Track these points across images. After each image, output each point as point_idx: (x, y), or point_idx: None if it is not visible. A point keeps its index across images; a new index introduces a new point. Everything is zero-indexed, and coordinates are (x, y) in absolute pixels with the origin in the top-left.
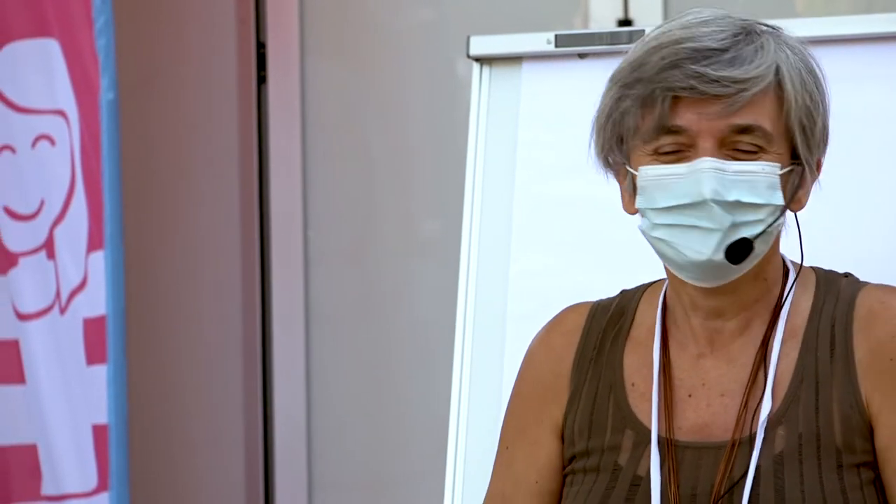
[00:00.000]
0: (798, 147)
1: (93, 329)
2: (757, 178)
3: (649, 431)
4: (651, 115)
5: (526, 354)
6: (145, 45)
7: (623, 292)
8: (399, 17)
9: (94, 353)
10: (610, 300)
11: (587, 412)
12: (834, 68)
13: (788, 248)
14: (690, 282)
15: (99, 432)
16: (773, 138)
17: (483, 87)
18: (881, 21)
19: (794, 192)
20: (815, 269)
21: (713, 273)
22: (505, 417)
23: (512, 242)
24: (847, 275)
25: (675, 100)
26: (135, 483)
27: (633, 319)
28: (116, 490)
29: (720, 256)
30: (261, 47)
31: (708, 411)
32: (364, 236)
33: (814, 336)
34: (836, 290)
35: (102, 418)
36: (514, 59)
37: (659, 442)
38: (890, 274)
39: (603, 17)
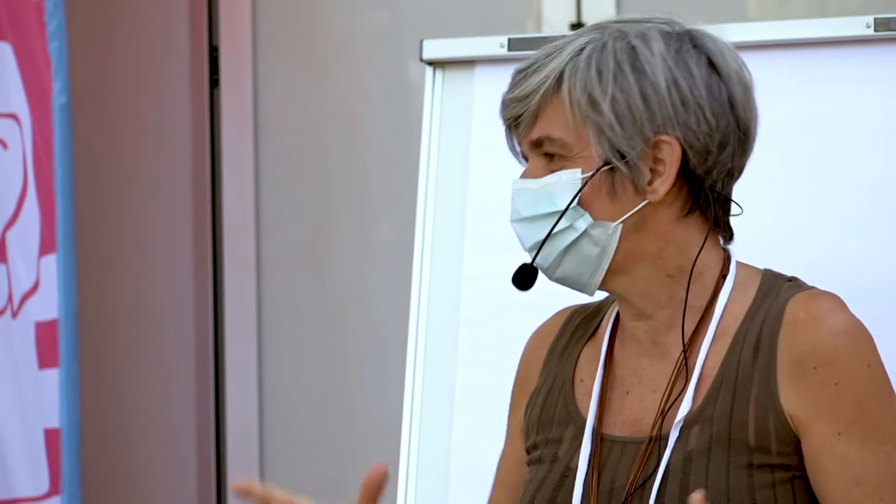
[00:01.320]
0: (593, 144)
1: (45, 333)
2: (555, 189)
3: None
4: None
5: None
6: (98, 49)
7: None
8: (352, 20)
9: (46, 357)
10: (594, 302)
11: (540, 407)
12: (786, 72)
13: (753, 252)
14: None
15: (51, 436)
16: (570, 143)
17: (436, 91)
18: (833, 25)
19: (644, 184)
20: (764, 272)
21: (574, 286)
22: None
23: (465, 246)
24: (791, 279)
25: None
26: (87, 487)
27: (601, 320)
28: (68, 494)
29: (555, 273)
30: (213, 50)
31: (640, 407)
32: (317, 240)
33: (742, 339)
34: (774, 295)
35: (54, 422)
36: (467, 62)
37: (593, 435)
38: (838, 277)
39: (556, 21)
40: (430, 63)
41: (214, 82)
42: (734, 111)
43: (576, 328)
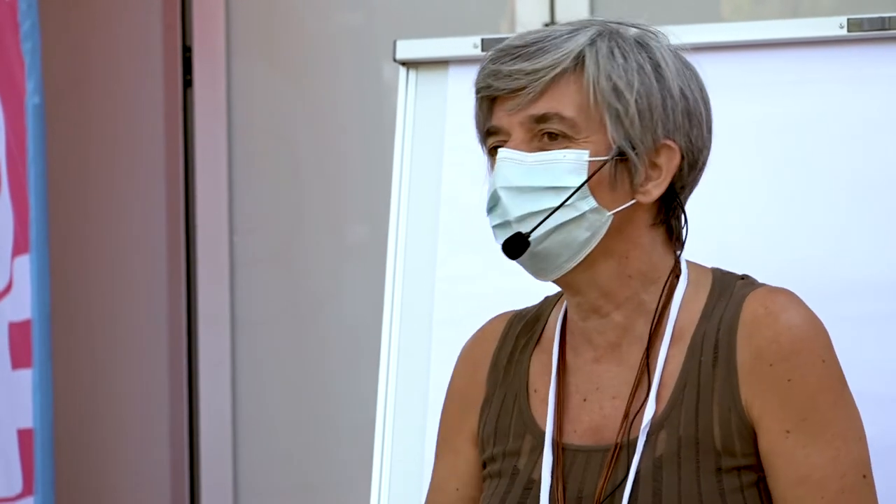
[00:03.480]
0: (609, 131)
1: (18, 333)
2: (556, 165)
3: (545, 435)
4: (476, 119)
5: (454, 364)
6: (72, 49)
7: (546, 298)
8: (326, 21)
9: (19, 358)
10: (531, 307)
11: (494, 419)
12: (760, 73)
13: (729, 252)
14: (534, 277)
15: (24, 437)
16: (579, 125)
17: (409, 91)
18: (807, 26)
19: (639, 183)
20: (714, 271)
21: (536, 266)
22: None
23: (438, 246)
24: (743, 277)
25: (492, 102)
26: (60, 488)
27: (545, 326)
28: (42, 495)
29: (537, 247)
30: (187, 51)
31: (600, 414)
32: (290, 240)
33: (700, 339)
34: (728, 293)
35: (28, 423)
36: (441, 62)
37: (554, 446)
38: (818, 280)
39: (529, 21)
40: (404, 63)
41: (188, 83)
42: (711, 133)
43: (518, 335)
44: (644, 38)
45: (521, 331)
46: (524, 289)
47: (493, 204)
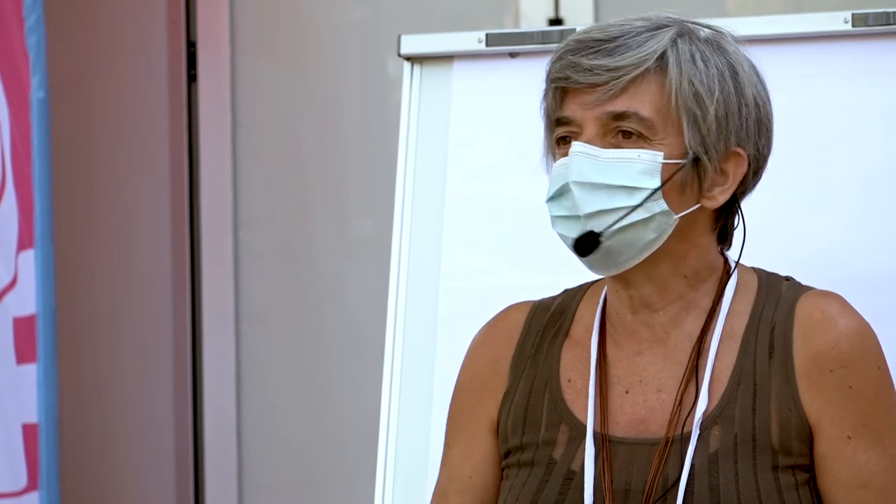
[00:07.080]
0: (686, 135)
1: (23, 328)
2: (631, 165)
3: (584, 426)
4: (548, 108)
5: (467, 351)
6: (76, 44)
7: (566, 291)
8: (330, 15)
9: (24, 353)
10: (551, 299)
11: (521, 407)
12: (765, 68)
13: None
14: (590, 270)
15: (29, 432)
16: (656, 126)
17: (414, 86)
18: (812, 21)
19: (706, 188)
20: (758, 271)
21: (598, 262)
22: (448, 414)
23: (443, 241)
24: (788, 278)
25: (564, 92)
26: (65, 482)
27: (573, 318)
28: (46, 489)
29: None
30: (191, 46)
31: (645, 406)
32: (295, 235)
33: (753, 339)
34: (776, 294)
35: (32, 418)
36: (446, 58)
37: (594, 437)
38: (825, 275)
39: (534, 17)
40: (409, 58)
41: (192, 77)
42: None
43: (544, 327)
44: (719, 40)
45: (548, 322)
46: (529, 284)
47: (560, 194)
